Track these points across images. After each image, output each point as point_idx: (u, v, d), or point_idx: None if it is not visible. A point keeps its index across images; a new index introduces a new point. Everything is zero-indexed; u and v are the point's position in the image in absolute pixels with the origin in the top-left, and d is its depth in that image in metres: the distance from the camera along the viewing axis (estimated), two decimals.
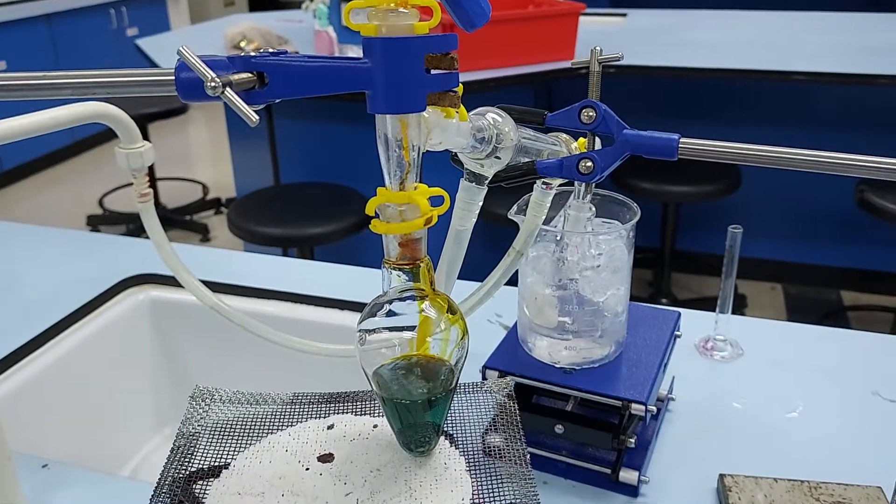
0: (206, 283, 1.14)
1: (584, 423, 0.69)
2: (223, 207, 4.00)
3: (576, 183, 0.69)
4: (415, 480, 0.47)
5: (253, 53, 0.37)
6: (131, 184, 0.71)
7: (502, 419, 0.52)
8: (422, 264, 0.45)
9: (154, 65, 2.45)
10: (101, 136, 4.90)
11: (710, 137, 0.46)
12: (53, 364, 1.00)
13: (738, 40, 2.70)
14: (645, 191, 2.47)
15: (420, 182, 0.43)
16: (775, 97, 2.82)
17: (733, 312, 0.92)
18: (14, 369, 0.96)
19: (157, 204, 3.78)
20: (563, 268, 0.70)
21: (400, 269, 0.45)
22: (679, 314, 0.80)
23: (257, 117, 0.35)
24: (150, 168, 4.38)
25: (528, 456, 0.48)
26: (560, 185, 0.66)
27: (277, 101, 0.37)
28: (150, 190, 0.71)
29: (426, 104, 0.40)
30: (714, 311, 0.93)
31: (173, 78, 0.36)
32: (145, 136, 3.65)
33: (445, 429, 0.52)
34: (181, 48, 0.34)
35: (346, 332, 1.05)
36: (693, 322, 0.96)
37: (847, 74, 2.24)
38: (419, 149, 0.42)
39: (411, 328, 0.46)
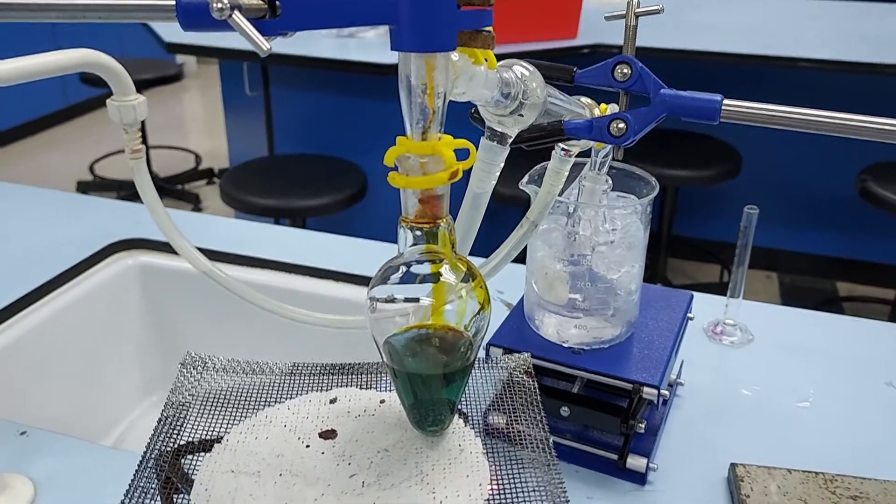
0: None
1: (592, 405, 0.66)
2: (216, 178, 3.94)
3: (592, 153, 0.65)
4: (426, 463, 0.44)
5: None
6: (123, 151, 0.67)
7: (521, 399, 0.49)
8: (442, 223, 0.41)
9: (152, 32, 2.39)
10: (93, 101, 4.82)
11: (715, 127, 0.42)
12: (36, 327, 0.97)
13: (743, 24, 2.66)
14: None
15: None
16: (779, 84, 2.79)
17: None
18: None
19: (149, 172, 3.74)
20: (576, 243, 0.67)
21: (419, 228, 0.41)
22: (692, 295, 0.77)
23: (269, 45, 0.31)
24: (143, 134, 4.33)
25: (552, 440, 0.45)
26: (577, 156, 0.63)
27: (290, 33, 0.33)
28: (143, 146, 0.67)
29: (456, 44, 0.36)
30: (714, 297, 0.90)
31: (174, 2, 0.32)
32: None
33: (459, 407, 0.48)
34: None
35: (341, 303, 1.01)
36: (702, 305, 0.92)
37: (851, 63, 2.20)
38: (445, 95, 0.39)
39: (428, 294, 0.42)
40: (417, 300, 0.42)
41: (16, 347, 0.94)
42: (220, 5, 0.29)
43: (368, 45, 2.27)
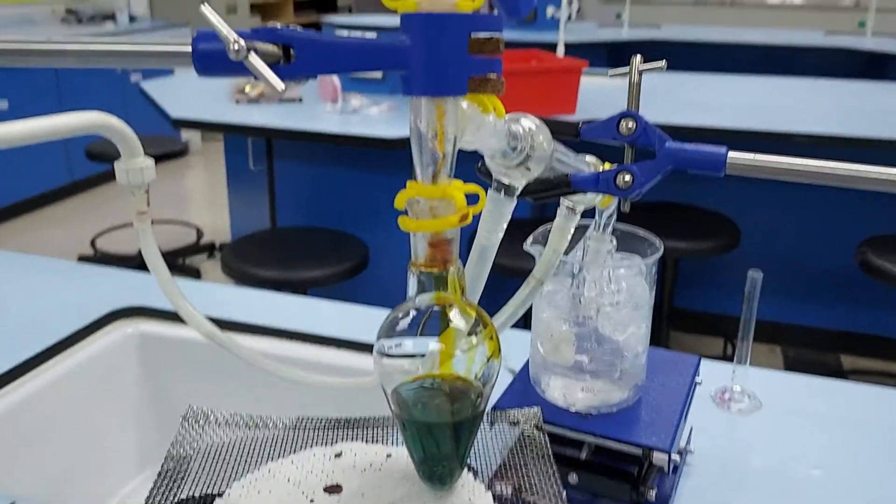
0: None
1: (601, 472, 0.65)
2: (217, 252, 3.95)
3: (596, 214, 0.66)
4: None
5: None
6: (124, 225, 0.67)
7: (532, 453, 0.47)
8: (452, 268, 0.41)
9: (158, 108, 2.44)
10: (98, 177, 4.89)
11: (713, 200, 0.43)
12: (32, 395, 0.95)
13: (741, 102, 2.72)
14: None
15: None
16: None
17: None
18: None
19: None
20: (581, 304, 0.66)
21: (428, 273, 0.41)
22: (699, 359, 0.76)
23: (283, 85, 0.31)
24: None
25: (565, 493, 0.43)
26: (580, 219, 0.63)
27: (305, 77, 0.34)
28: (148, 208, 0.68)
29: (467, 89, 0.37)
30: (721, 364, 0.89)
31: (189, 49, 0.33)
32: None
33: (469, 461, 0.47)
34: (203, 6, 0.31)
35: (343, 370, 1.00)
36: (709, 373, 0.91)
37: (848, 138, 2.24)
38: (455, 140, 0.39)
39: (437, 340, 0.41)
40: (427, 347, 0.42)
41: (11, 415, 0.92)
42: (236, 46, 0.30)
43: (372, 119, 2.31)
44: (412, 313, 0.42)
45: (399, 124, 2.26)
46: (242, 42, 0.30)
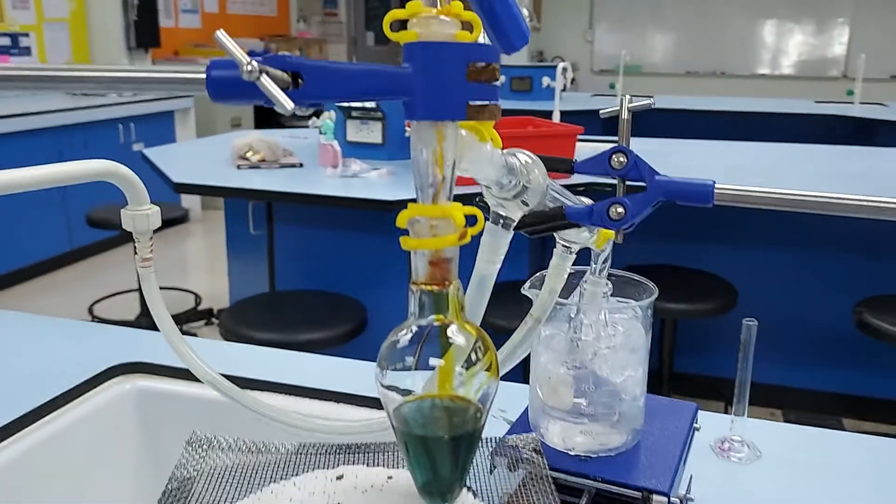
0: (188, 371, 1.09)
1: None
2: (214, 318, 3.95)
3: (591, 259, 0.67)
4: None
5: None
6: (122, 292, 0.69)
7: (530, 475, 0.48)
8: (451, 287, 0.42)
9: (160, 174, 2.48)
10: (98, 245, 4.92)
11: (705, 259, 0.44)
12: (29, 450, 0.94)
13: (727, 166, 2.77)
14: None
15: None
16: (767, 221, 2.86)
17: None
18: None
19: (148, 313, 3.73)
20: (578, 349, 0.67)
21: (428, 292, 0.42)
22: (697, 407, 0.77)
23: (292, 104, 0.33)
24: None
25: None
26: (574, 266, 0.65)
27: (312, 104, 0.36)
28: (152, 255, 0.69)
29: (466, 114, 0.39)
30: (720, 415, 0.89)
31: (203, 76, 0.34)
32: None
33: (467, 483, 0.47)
34: (218, 32, 0.33)
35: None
36: (707, 423, 0.91)
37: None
38: (454, 165, 0.41)
39: (437, 357, 0.42)
40: (427, 365, 0.42)
41: (8, 469, 0.91)
42: (249, 68, 0.32)
43: (372, 183, 2.35)
44: (412, 331, 0.43)
45: (398, 188, 2.29)
46: (255, 64, 0.32)
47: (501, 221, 0.50)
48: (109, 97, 5.27)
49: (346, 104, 2.70)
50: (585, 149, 2.99)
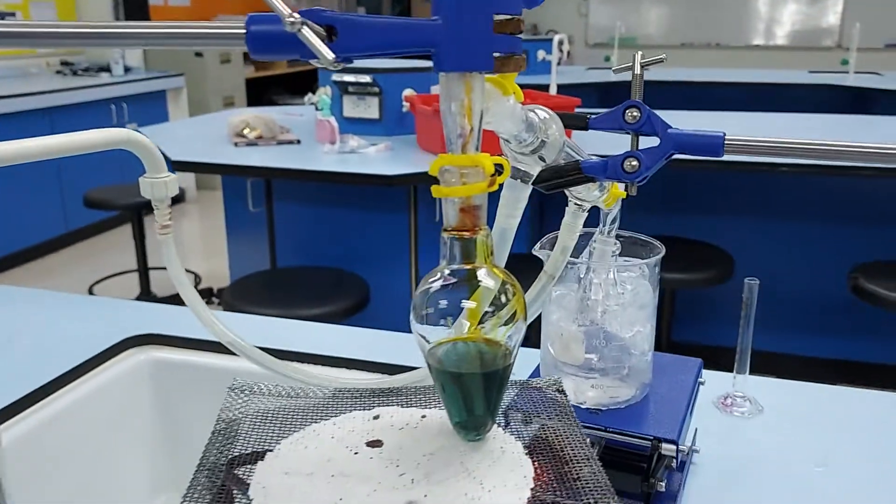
0: (201, 342, 1.11)
1: (612, 466, 0.66)
2: (214, 297, 3.96)
3: (601, 219, 0.69)
4: (471, 461, 0.46)
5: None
6: (121, 273, 0.71)
7: (556, 410, 0.50)
8: (481, 233, 0.44)
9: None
10: (94, 226, 4.92)
11: (702, 230, 0.46)
12: (45, 422, 0.96)
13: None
14: None
15: None
16: (762, 191, 2.89)
17: None
18: None
19: (148, 293, 3.72)
20: (588, 306, 0.69)
21: (459, 238, 0.44)
22: (701, 362, 0.79)
23: (333, 55, 0.34)
24: (143, 257, 4.31)
25: (588, 440, 0.46)
26: (585, 225, 0.67)
27: (346, 58, 0.37)
28: (171, 222, 0.71)
29: (493, 66, 0.40)
30: (722, 373, 0.92)
31: (243, 31, 0.36)
32: (140, 228, 3.63)
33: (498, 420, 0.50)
34: None
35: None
36: (710, 380, 0.94)
37: (827, 166, 2.30)
38: (481, 115, 0.42)
39: (468, 299, 0.44)
40: (459, 306, 0.45)
41: (25, 441, 0.93)
42: (292, 20, 0.33)
43: (370, 159, 2.36)
44: (445, 275, 0.45)
45: (397, 163, 2.31)
46: (297, 16, 0.34)
47: (520, 176, 0.52)
48: (101, 77, 5.25)
49: (343, 79, 2.70)
50: None
